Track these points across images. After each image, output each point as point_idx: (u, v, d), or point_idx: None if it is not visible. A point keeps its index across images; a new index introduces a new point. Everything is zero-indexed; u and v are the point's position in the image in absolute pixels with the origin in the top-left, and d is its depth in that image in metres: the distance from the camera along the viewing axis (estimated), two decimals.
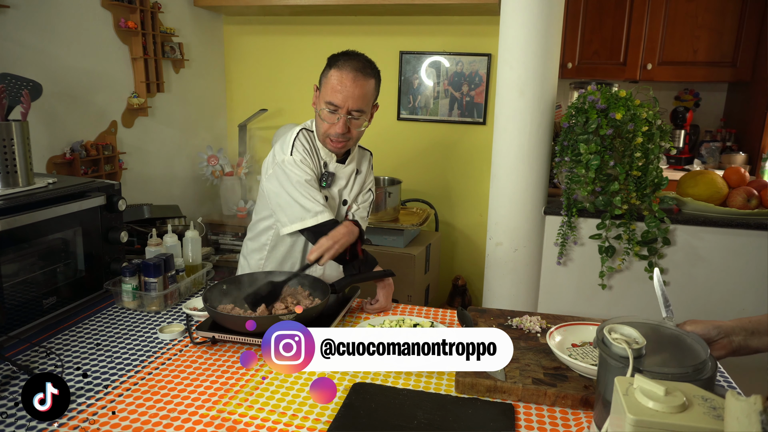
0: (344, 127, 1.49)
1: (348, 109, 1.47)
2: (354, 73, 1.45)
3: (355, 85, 1.45)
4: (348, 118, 1.48)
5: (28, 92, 1.48)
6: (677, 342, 0.94)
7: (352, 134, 1.52)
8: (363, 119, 1.52)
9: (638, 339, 0.89)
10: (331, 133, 1.51)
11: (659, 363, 0.85)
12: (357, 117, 1.50)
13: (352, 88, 1.45)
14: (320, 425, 1.01)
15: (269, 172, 1.57)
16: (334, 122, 1.49)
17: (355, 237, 1.49)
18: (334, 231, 1.45)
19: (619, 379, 0.79)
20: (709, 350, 0.90)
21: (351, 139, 1.53)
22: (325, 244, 1.42)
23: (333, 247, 1.42)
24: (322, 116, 1.50)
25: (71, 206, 1.45)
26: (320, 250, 1.42)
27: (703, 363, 0.85)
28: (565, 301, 2.34)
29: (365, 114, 1.52)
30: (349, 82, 1.45)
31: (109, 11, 2.64)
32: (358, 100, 1.47)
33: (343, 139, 1.51)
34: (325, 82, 1.49)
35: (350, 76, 1.45)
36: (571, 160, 2.11)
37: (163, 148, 3.14)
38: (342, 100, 1.46)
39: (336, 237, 1.44)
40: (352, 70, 1.45)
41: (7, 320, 1.29)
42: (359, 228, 1.52)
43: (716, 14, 3.15)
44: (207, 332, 1.29)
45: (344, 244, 1.45)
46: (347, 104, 1.46)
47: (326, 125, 1.51)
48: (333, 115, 1.48)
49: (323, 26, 3.43)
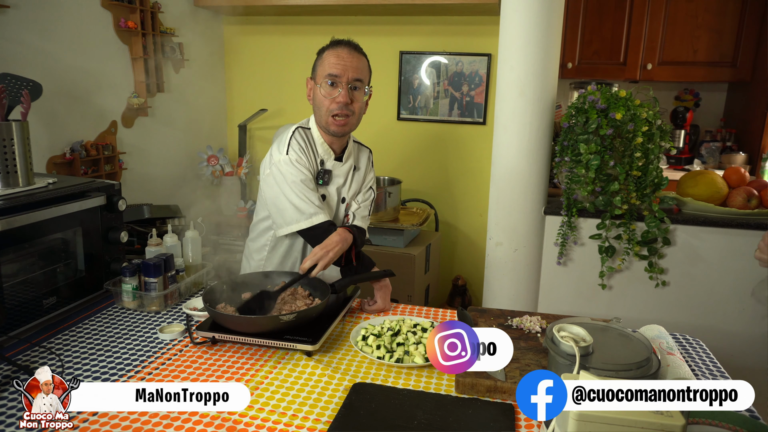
0: (347, 96, 1.50)
1: (348, 78, 1.49)
2: (349, 49, 1.51)
3: (351, 57, 1.50)
4: (349, 88, 1.50)
5: (28, 92, 1.48)
6: (624, 341, 0.96)
7: (353, 108, 1.53)
8: (362, 92, 1.54)
9: (585, 338, 0.92)
10: (333, 108, 1.51)
11: (605, 360, 0.88)
12: (358, 87, 1.52)
13: (349, 59, 1.50)
14: (320, 425, 1.01)
15: (266, 172, 1.57)
16: (335, 95, 1.50)
17: (349, 244, 1.49)
18: (328, 240, 1.45)
19: (566, 376, 0.82)
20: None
21: (352, 115, 1.53)
22: (318, 254, 1.42)
23: (326, 256, 1.42)
24: (323, 92, 1.51)
25: (71, 206, 1.45)
26: (314, 259, 1.41)
27: (647, 360, 0.89)
28: (565, 301, 2.34)
29: (364, 85, 1.54)
30: (346, 54, 1.50)
31: (109, 11, 2.64)
32: (357, 70, 1.50)
33: (347, 111, 1.51)
34: (321, 63, 1.53)
35: (346, 50, 1.51)
36: (571, 160, 2.11)
37: (163, 148, 3.14)
38: (342, 70, 1.49)
39: (329, 246, 1.43)
40: (347, 47, 1.52)
41: (7, 320, 1.29)
42: (353, 235, 1.51)
43: (716, 14, 3.15)
44: (207, 332, 1.29)
45: (338, 252, 1.45)
46: (347, 73, 1.49)
47: (328, 101, 1.51)
48: (334, 88, 1.50)
49: (323, 26, 3.43)
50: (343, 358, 1.28)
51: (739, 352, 2.14)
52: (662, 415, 0.73)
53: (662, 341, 1.25)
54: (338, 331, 1.42)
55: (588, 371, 0.82)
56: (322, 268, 1.42)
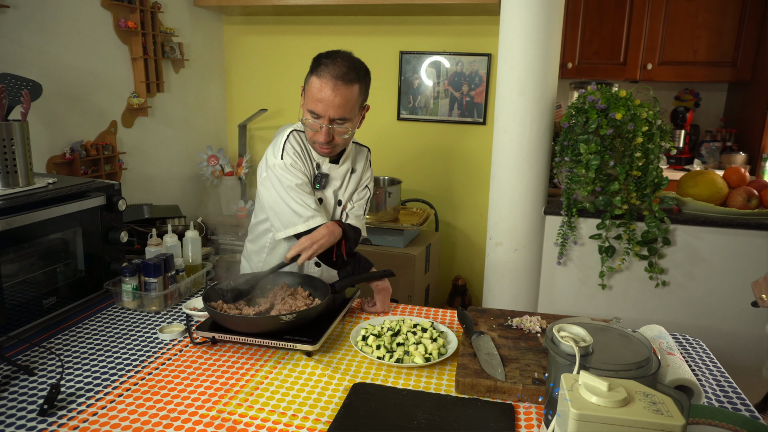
0: (327, 136, 1.46)
1: (330, 117, 1.44)
2: (333, 82, 1.40)
3: (335, 93, 1.40)
4: (330, 127, 1.46)
5: (28, 92, 1.48)
6: (624, 341, 0.97)
7: (336, 141, 1.50)
8: (347, 126, 1.49)
9: (585, 338, 0.92)
10: (315, 140, 1.50)
11: (605, 360, 0.88)
12: (340, 124, 1.47)
13: (332, 97, 1.40)
14: (320, 425, 1.01)
15: (263, 175, 1.56)
16: (317, 131, 1.47)
17: (337, 238, 1.47)
18: (315, 231, 1.45)
19: (566, 376, 0.82)
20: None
21: (337, 145, 1.52)
22: (303, 244, 1.42)
23: (311, 247, 1.41)
24: (306, 123, 1.49)
25: (71, 206, 1.45)
26: (298, 249, 1.41)
27: (647, 360, 0.89)
28: (565, 301, 2.34)
29: (349, 122, 1.49)
30: (329, 90, 1.40)
31: (109, 11, 2.64)
32: (339, 109, 1.42)
33: (328, 146, 1.50)
34: (308, 89, 1.46)
35: (330, 85, 1.40)
36: (571, 160, 2.11)
37: (163, 148, 3.14)
38: (323, 110, 1.43)
39: (315, 237, 1.43)
40: (332, 78, 1.40)
41: (7, 320, 1.29)
42: (342, 229, 1.50)
43: (716, 14, 3.15)
44: (207, 332, 1.29)
45: (324, 244, 1.44)
46: (328, 113, 1.43)
47: (310, 133, 1.50)
48: (316, 123, 1.46)
49: (323, 26, 3.43)
50: (343, 358, 1.28)
51: (739, 352, 2.14)
52: (662, 415, 0.73)
53: (662, 341, 1.25)
54: (338, 331, 1.42)
55: (588, 371, 0.82)
56: (306, 258, 1.42)
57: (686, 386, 1.09)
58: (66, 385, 1.13)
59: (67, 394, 1.10)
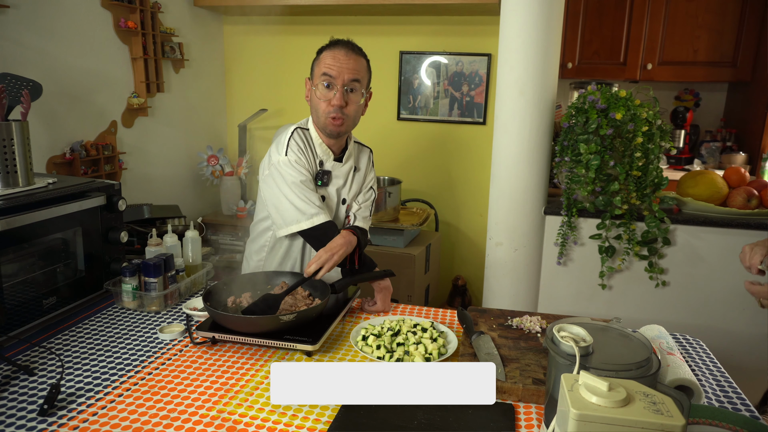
0: (342, 99, 1.49)
1: (344, 80, 1.48)
2: (346, 50, 1.50)
3: (348, 58, 1.48)
4: (345, 90, 1.49)
5: (28, 92, 1.48)
6: (624, 341, 0.97)
7: (349, 111, 1.51)
8: (359, 94, 1.52)
9: (586, 338, 0.92)
10: (329, 111, 1.50)
11: (605, 360, 0.88)
12: (354, 89, 1.50)
13: (345, 60, 1.48)
14: (320, 425, 1.01)
15: (266, 173, 1.57)
16: (330, 97, 1.49)
17: (353, 247, 1.48)
18: (332, 242, 1.44)
19: (566, 376, 0.82)
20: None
21: (348, 117, 1.52)
22: (323, 257, 1.41)
23: (331, 259, 1.42)
24: (319, 94, 1.51)
25: (71, 206, 1.45)
26: (318, 263, 1.41)
27: (647, 360, 0.89)
28: (565, 301, 2.34)
29: (361, 86, 1.52)
30: (342, 55, 1.48)
31: (109, 11, 2.65)
32: (353, 71, 1.49)
33: (341, 114, 1.50)
34: (318, 64, 1.51)
35: (342, 51, 1.49)
36: (571, 160, 2.11)
37: (163, 148, 3.14)
38: (337, 71, 1.47)
39: (334, 249, 1.43)
40: (344, 47, 1.50)
41: (7, 320, 1.29)
42: (357, 237, 1.50)
43: (716, 14, 3.15)
44: (207, 332, 1.29)
45: (342, 254, 1.44)
46: (342, 75, 1.48)
47: (323, 104, 1.50)
48: (329, 90, 1.49)
49: (323, 26, 3.43)
50: (343, 358, 1.28)
51: (739, 352, 2.14)
52: (662, 415, 0.73)
53: (662, 341, 1.25)
54: (338, 331, 1.42)
55: (588, 371, 0.82)
56: (327, 271, 1.42)
57: (686, 386, 1.09)
58: (66, 385, 1.13)
59: (67, 394, 1.10)
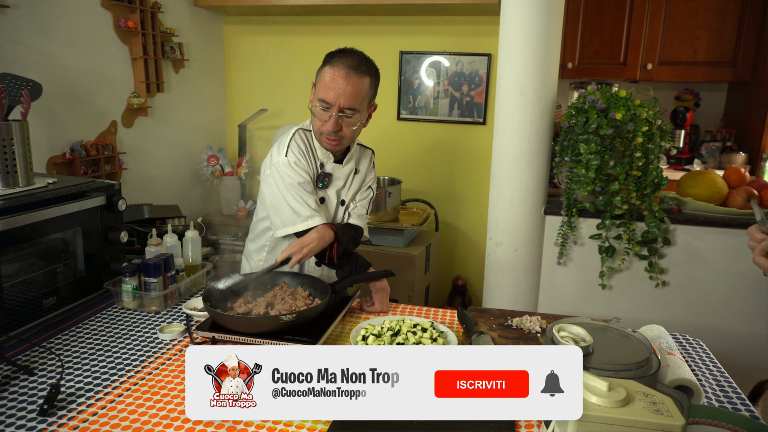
0: (335, 125, 1.46)
1: (340, 106, 1.45)
2: (346, 71, 1.43)
3: (347, 82, 1.43)
4: (340, 116, 1.47)
5: (28, 92, 1.48)
6: (624, 341, 0.97)
7: (344, 133, 1.50)
8: (356, 118, 1.49)
9: (586, 338, 0.92)
10: (323, 131, 1.49)
11: (605, 361, 0.88)
12: (349, 115, 1.48)
13: (344, 85, 1.43)
14: (320, 425, 1.01)
15: (266, 172, 1.57)
16: (326, 120, 1.47)
17: (327, 242, 1.47)
18: (306, 236, 1.45)
19: None
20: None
21: (344, 138, 1.51)
22: (293, 248, 1.42)
23: (301, 251, 1.42)
24: (316, 114, 1.50)
25: (71, 206, 1.45)
26: (288, 252, 1.42)
27: (647, 360, 0.89)
28: (565, 301, 2.34)
29: (358, 113, 1.49)
30: (341, 79, 1.43)
31: (109, 11, 2.64)
32: (350, 98, 1.44)
33: (335, 137, 1.50)
34: (319, 79, 1.48)
35: (342, 74, 1.43)
36: (571, 160, 2.11)
37: (163, 148, 3.14)
38: (333, 98, 1.44)
39: (305, 242, 1.44)
40: (345, 68, 1.43)
41: (7, 320, 1.29)
42: (334, 232, 1.50)
43: (716, 14, 3.15)
44: (207, 332, 1.29)
45: (313, 248, 1.44)
46: (339, 102, 1.44)
47: (319, 123, 1.50)
48: (325, 112, 1.47)
49: (323, 26, 3.43)
50: None
51: (739, 352, 2.14)
52: (662, 415, 0.73)
53: (662, 341, 1.25)
54: (338, 331, 1.42)
55: (588, 371, 0.82)
56: (296, 262, 1.42)
57: (686, 386, 1.09)
58: (66, 385, 1.13)
59: (67, 394, 1.10)
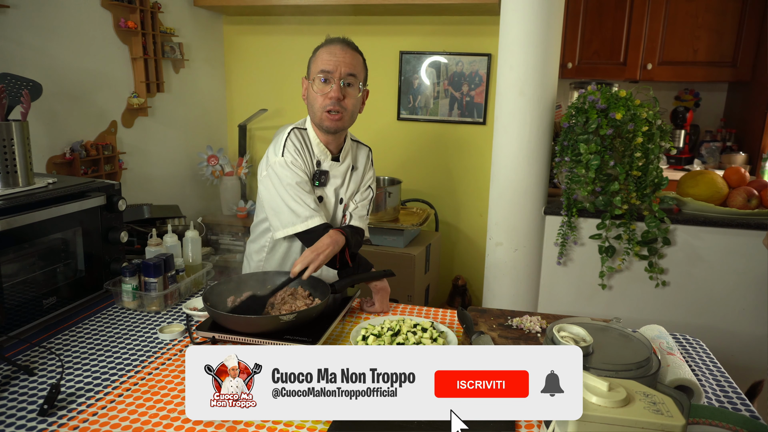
0: (339, 92, 1.48)
1: (341, 73, 1.48)
2: (342, 45, 1.50)
3: (344, 53, 1.49)
4: (342, 85, 1.49)
5: (28, 92, 1.48)
6: (624, 341, 0.97)
7: (346, 104, 1.50)
8: (356, 88, 1.52)
9: (586, 338, 0.92)
10: (326, 104, 1.49)
11: (605, 361, 0.88)
12: (351, 83, 1.50)
13: (342, 55, 1.48)
14: (320, 425, 1.01)
15: (263, 174, 1.56)
16: (327, 91, 1.49)
17: (341, 246, 1.47)
18: (319, 242, 1.44)
19: None
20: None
21: (345, 111, 1.51)
22: (309, 257, 1.41)
23: (317, 259, 1.41)
24: (315, 89, 1.50)
25: (71, 206, 1.45)
26: (304, 263, 1.40)
27: (647, 360, 0.89)
28: (565, 301, 2.34)
29: (357, 80, 1.51)
30: (339, 50, 1.49)
31: (109, 11, 2.64)
32: (349, 65, 1.49)
33: (339, 108, 1.49)
34: (314, 61, 1.52)
35: (339, 47, 1.50)
36: (571, 160, 2.11)
37: (163, 148, 3.14)
38: (334, 65, 1.47)
39: (320, 249, 1.42)
40: (340, 43, 1.51)
41: (7, 320, 1.29)
42: (345, 236, 1.50)
43: (716, 14, 3.15)
44: (207, 332, 1.29)
45: (329, 254, 1.44)
46: (339, 69, 1.48)
47: (320, 98, 1.50)
48: (326, 84, 1.49)
49: (323, 26, 3.43)
50: None
51: (739, 352, 2.14)
52: (662, 415, 0.73)
53: (662, 341, 1.25)
54: (338, 331, 1.42)
55: (588, 371, 0.82)
56: (313, 271, 1.41)
57: (686, 386, 1.09)
58: (66, 385, 1.13)
59: (67, 394, 1.10)
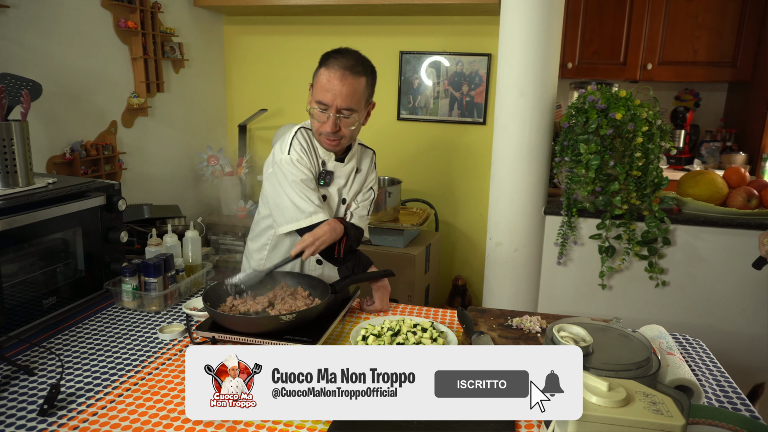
0: (333, 126, 1.47)
1: (337, 107, 1.46)
2: (342, 72, 1.44)
3: (342, 83, 1.44)
4: (337, 117, 1.47)
5: (28, 92, 1.48)
6: (624, 341, 0.97)
7: (343, 133, 1.51)
8: (354, 118, 1.50)
9: (586, 338, 0.92)
10: (322, 132, 1.50)
11: (605, 360, 0.88)
12: (347, 116, 1.48)
13: (339, 86, 1.44)
14: (320, 425, 1.01)
15: (269, 171, 1.59)
16: (324, 121, 1.48)
17: (339, 235, 1.48)
18: (318, 228, 1.46)
19: None
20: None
21: (343, 137, 1.52)
22: (306, 240, 1.43)
23: (314, 244, 1.43)
24: (314, 115, 1.50)
25: (71, 206, 1.45)
26: (302, 245, 1.42)
27: (647, 360, 0.89)
28: (565, 301, 2.34)
29: (356, 113, 1.50)
30: (337, 80, 1.44)
31: (109, 11, 2.64)
32: (347, 99, 1.45)
33: (335, 137, 1.50)
34: (316, 81, 1.49)
35: (338, 75, 1.44)
36: (571, 160, 2.11)
37: (163, 148, 3.14)
38: (330, 99, 1.45)
39: (317, 234, 1.44)
40: (340, 69, 1.44)
41: (7, 320, 1.29)
42: (344, 226, 1.51)
43: (716, 14, 3.15)
44: (207, 332, 1.29)
45: (326, 241, 1.45)
46: (336, 103, 1.45)
47: (317, 124, 1.51)
48: (323, 114, 1.48)
49: (323, 26, 3.43)
50: None
51: (739, 352, 2.14)
52: (662, 415, 0.73)
53: (662, 341, 1.25)
54: (338, 331, 1.42)
55: (588, 371, 0.82)
56: (310, 254, 1.43)
57: (686, 386, 1.09)
58: (66, 385, 1.13)
59: (67, 394, 1.10)
